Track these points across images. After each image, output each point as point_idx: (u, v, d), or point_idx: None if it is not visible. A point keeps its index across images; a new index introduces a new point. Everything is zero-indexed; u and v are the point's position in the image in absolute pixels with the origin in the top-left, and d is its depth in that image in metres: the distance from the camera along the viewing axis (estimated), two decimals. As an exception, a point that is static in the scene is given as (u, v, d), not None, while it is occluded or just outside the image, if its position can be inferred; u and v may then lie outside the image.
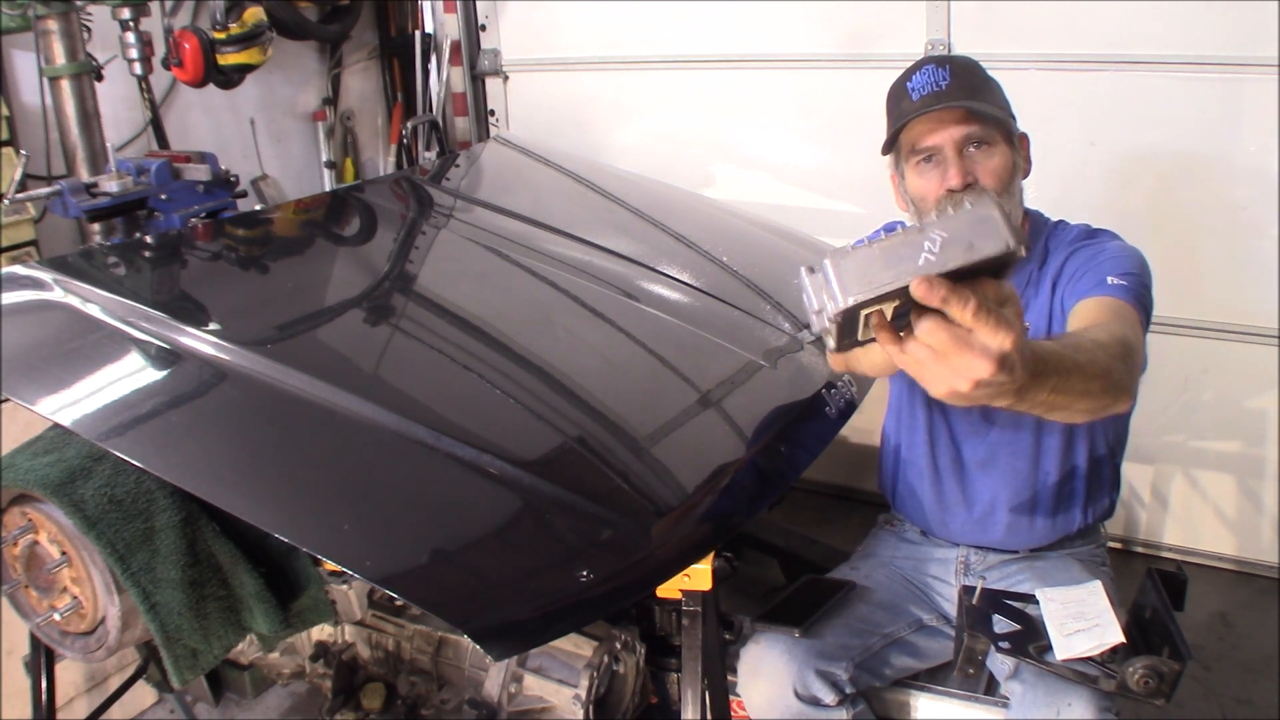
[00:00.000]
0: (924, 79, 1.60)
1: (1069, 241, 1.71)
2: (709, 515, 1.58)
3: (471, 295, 2.11)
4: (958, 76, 1.60)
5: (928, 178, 1.63)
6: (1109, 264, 1.60)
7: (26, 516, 1.65)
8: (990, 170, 1.60)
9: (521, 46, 3.50)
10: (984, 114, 1.58)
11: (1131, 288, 1.53)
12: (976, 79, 1.63)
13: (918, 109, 1.59)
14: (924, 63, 1.64)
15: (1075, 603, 1.52)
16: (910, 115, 1.60)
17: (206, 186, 2.53)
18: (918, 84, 1.61)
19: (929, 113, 1.59)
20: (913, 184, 1.65)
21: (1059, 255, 1.70)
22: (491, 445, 1.56)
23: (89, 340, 1.70)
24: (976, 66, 1.66)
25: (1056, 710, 1.52)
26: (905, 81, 1.64)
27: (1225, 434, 2.79)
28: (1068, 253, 1.69)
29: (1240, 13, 2.46)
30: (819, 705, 1.66)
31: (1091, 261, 1.63)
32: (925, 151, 1.62)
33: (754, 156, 3.25)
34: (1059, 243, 1.73)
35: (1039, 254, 1.73)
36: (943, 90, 1.58)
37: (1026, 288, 1.72)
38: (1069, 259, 1.68)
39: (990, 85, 1.64)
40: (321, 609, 1.80)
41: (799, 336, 2.09)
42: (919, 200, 1.65)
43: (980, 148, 1.60)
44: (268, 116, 3.38)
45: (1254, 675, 2.50)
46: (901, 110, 1.63)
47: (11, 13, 2.37)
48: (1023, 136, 1.68)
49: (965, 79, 1.60)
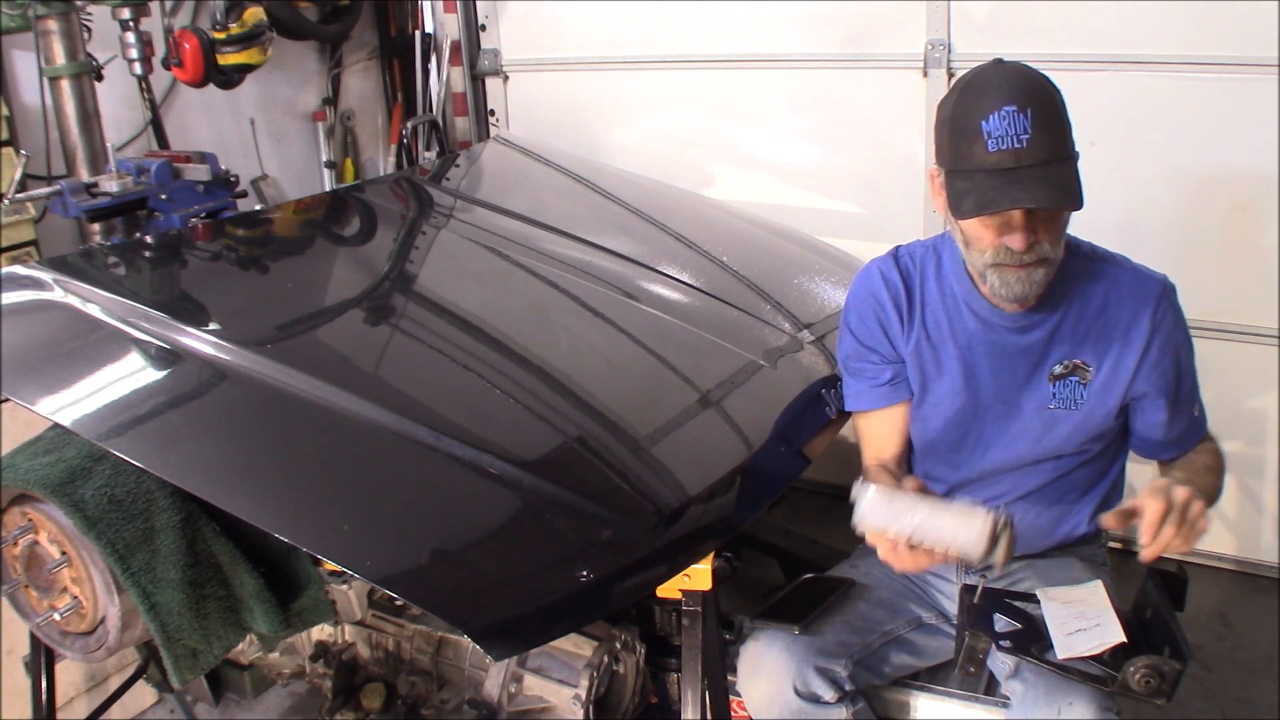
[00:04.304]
0: (1003, 125, 1.43)
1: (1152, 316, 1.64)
2: (709, 515, 1.58)
3: (471, 295, 2.11)
4: (1039, 130, 1.44)
5: (987, 223, 1.51)
6: (1189, 389, 1.71)
7: (26, 516, 1.65)
8: (1054, 232, 1.52)
9: (521, 46, 3.50)
10: (1068, 190, 1.46)
11: (1201, 417, 1.76)
12: (1055, 126, 1.47)
13: (992, 166, 1.44)
14: (1004, 99, 1.44)
15: (1076, 602, 1.52)
16: (982, 170, 1.46)
17: (206, 186, 2.53)
18: (995, 129, 1.44)
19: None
20: (967, 225, 1.54)
21: (1139, 318, 1.64)
22: (491, 445, 1.56)
23: (89, 340, 1.70)
24: (1054, 102, 1.49)
25: (1057, 710, 1.52)
26: (979, 119, 1.45)
27: (1225, 434, 2.76)
28: (1155, 341, 1.64)
29: (1240, 13, 2.46)
30: (819, 703, 1.66)
31: (1174, 387, 1.67)
32: None
33: (754, 156, 3.25)
34: (1120, 286, 1.65)
35: (1079, 284, 1.65)
36: (1024, 149, 1.43)
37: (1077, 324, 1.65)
38: (1154, 361, 1.64)
39: (1064, 124, 1.49)
40: (321, 609, 1.80)
41: (799, 336, 2.09)
42: (974, 240, 1.55)
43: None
44: (268, 116, 3.38)
45: (1254, 675, 2.50)
46: (972, 154, 1.46)
47: (11, 13, 2.37)
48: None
49: (1048, 133, 1.45)
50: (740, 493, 1.66)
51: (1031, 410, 1.69)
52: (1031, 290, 1.55)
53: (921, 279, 1.73)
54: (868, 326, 1.76)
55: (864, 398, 1.80)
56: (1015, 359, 1.68)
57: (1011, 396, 1.70)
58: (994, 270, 1.55)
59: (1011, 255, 1.52)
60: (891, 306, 1.73)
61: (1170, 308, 1.66)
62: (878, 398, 1.78)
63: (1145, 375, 1.65)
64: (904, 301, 1.73)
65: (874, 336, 1.75)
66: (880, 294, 1.74)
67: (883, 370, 1.76)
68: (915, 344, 1.73)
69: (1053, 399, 1.68)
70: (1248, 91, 2.50)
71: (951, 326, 1.70)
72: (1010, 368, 1.68)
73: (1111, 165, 2.70)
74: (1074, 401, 1.67)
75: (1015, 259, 1.52)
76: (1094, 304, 1.65)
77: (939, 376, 1.73)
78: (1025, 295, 1.56)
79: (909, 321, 1.73)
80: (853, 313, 1.79)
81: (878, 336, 1.75)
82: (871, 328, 1.75)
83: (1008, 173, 1.45)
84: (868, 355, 1.77)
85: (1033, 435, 1.71)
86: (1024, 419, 1.70)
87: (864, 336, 1.77)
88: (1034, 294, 1.57)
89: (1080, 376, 1.66)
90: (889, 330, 1.74)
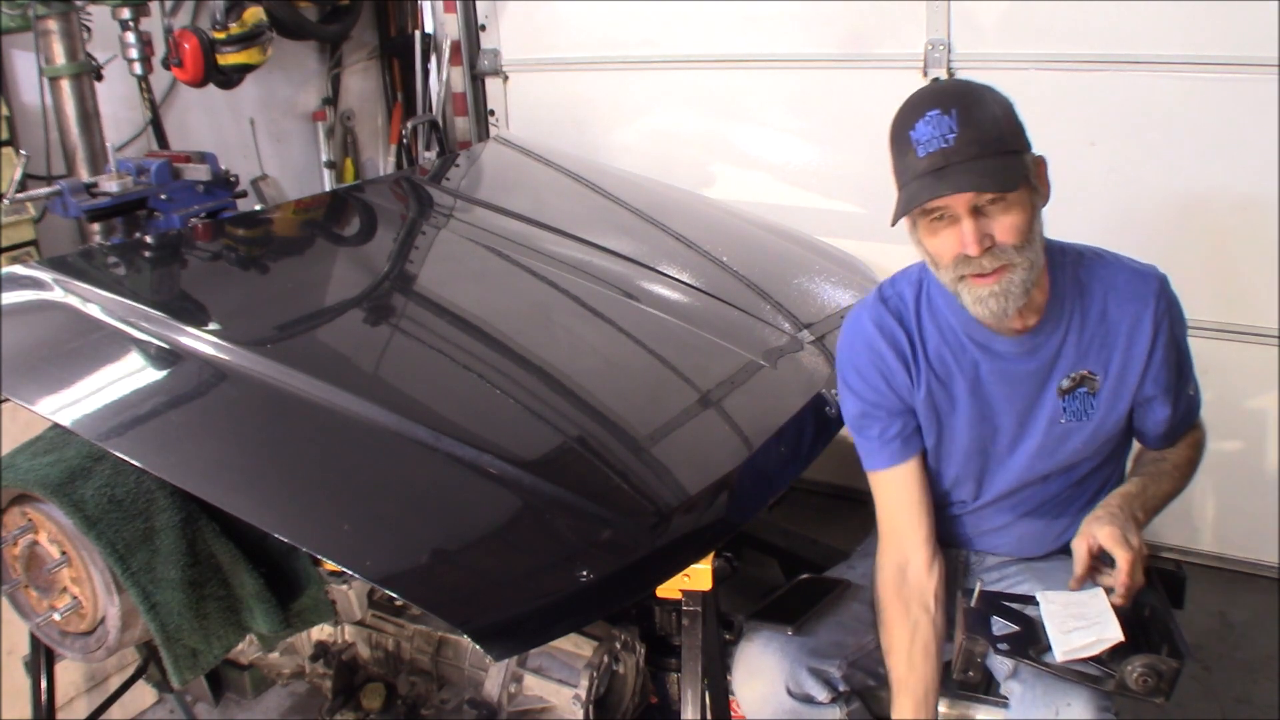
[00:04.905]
0: (929, 129, 1.44)
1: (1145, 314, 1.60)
2: (709, 515, 1.58)
3: (471, 295, 2.11)
4: (965, 125, 1.44)
5: (942, 237, 1.49)
6: (1187, 371, 1.68)
7: (26, 516, 1.65)
8: (1008, 227, 1.47)
9: (521, 46, 3.50)
10: (995, 176, 1.44)
11: (1197, 396, 1.71)
12: (986, 122, 1.46)
13: (923, 170, 1.45)
14: (927, 103, 1.46)
15: (1075, 604, 1.52)
16: (915, 177, 1.46)
17: (206, 186, 2.53)
18: (923, 135, 1.45)
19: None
20: (928, 243, 1.52)
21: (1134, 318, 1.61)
22: (491, 445, 1.56)
23: (89, 340, 1.70)
24: (983, 100, 1.48)
25: (1055, 710, 1.52)
26: (908, 129, 1.47)
27: (1225, 434, 2.79)
28: (1158, 340, 1.61)
29: (1240, 13, 2.46)
30: (812, 703, 1.66)
31: (1175, 378, 1.64)
32: (936, 211, 1.48)
33: (754, 156, 3.25)
34: (1111, 289, 1.62)
35: (1076, 294, 1.62)
36: (951, 147, 1.43)
37: (1070, 330, 1.62)
38: (1159, 361, 1.62)
39: (998, 121, 1.48)
40: (321, 609, 1.80)
41: (799, 336, 2.09)
42: (936, 258, 1.52)
43: (994, 202, 1.46)
44: (268, 116, 3.38)
45: (1254, 675, 2.50)
46: (907, 165, 1.48)
47: (11, 13, 2.37)
48: (1039, 161, 1.54)
49: (974, 127, 1.44)
50: (740, 493, 1.66)
51: (1044, 427, 1.65)
52: (1009, 303, 1.49)
53: (917, 317, 1.66)
54: (869, 383, 1.68)
55: (876, 456, 1.70)
56: (1024, 381, 1.64)
57: (1024, 418, 1.66)
58: (963, 286, 1.50)
59: (970, 263, 1.47)
60: (894, 357, 1.66)
61: (1168, 301, 1.63)
62: (890, 455, 1.69)
63: (1154, 376, 1.62)
64: (906, 348, 1.65)
65: (878, 391, 1.68)
66: (878, 345, 1.66)
67: (891, 424, 1.68)
68: (926, 389, 1.66)
69: (1064, 413, 1.64)
70: (1248, 91, 2.50)
71: (957, 360, 1.65)
72: (1021, 393, 1.65)
73: (1111, 165, 2.70)
74: (1084, 413, 1.64)
75: (976, 266, 1.47)
76: (1094, 312, 1.62)
77: (953, 413, 1.68)
78: (1003, 309, 1.49)
79: (915, 367, 1.66)
80: (850, 369, 1.70)
81: (882, 390, 1.67)
82: (874, 383, 1.67)
83: (937, 172, 1.44)
84: (874, 412, 1.68)
85: (1047, 451, 1.67)
86: (1038, 436, 1.66)
87: (866, 394, 1.69)
88: (1013, 305, 1.50)
89: (1089, 386, 1.63)
90: (893, 383, 1.67)
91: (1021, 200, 1.47)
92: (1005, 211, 1.46)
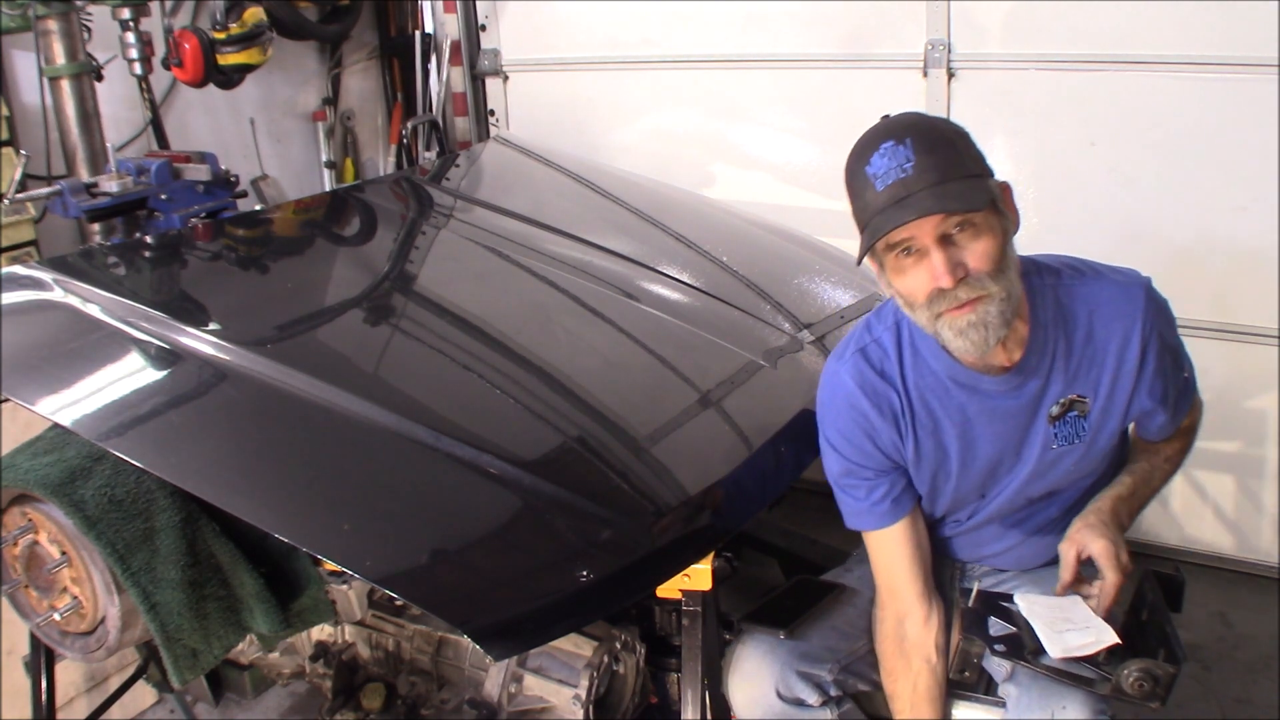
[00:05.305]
0: (885, 162, 1.39)
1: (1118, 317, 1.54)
2: (709, 515, 1.58)
3: (471, 295, 2.11)
4: (921, 154, 1.38)
5: (911, 275, 1.43)
6: (1181, 362, 1.64)
7: (26, 516, 1.65)
8: (979, 254, 1.40)
9: (521, 46, 3.50)
10: (960, 197, 1.39)
11: (1191, 377, 1.67)
12: (941, 148, 1.40)
13: (884, 204, 1.39)
14: (880, 137, 1.41)
15: (1058, 608, 1.52)
16: (877, 212, 1.40)
17: (206, 186, 2.53)
18: (879, 169, 1.39)
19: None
20: (897, 282, 1.46)
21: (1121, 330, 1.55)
22: (491, 445, 1.56)
23: (89, 340, 1.70)
24: (937, 128, 1.45)
25: (1051, 712, 1.51)
26: (864, 165, 1.42)
27: (1225, 434, 2.79)
28: (1150, 346, 1.55)
29: (1240, 13, 2.46)
30: (802, 705, 1.66)
31: (1170, 381, 1.60)
32: (902, 244, 1.42)
33: (754, 156, 3.25)
34: (1088, 303, 1.56)
35: (1059, 321, 1.56)
36: (910, 175, 1.37)
37: (1055, 358, 1.56)
38: (1153, 361, 1.56)
39: (956, 148, 1.43)
40: (321, 609, 1.80)
41: (799, 336, 2.09)
42: (908, 298, 1.46)
43: (963, 229, 1.40)
44: (268, 116, 3.38)
45: (1254, 675, 2.51)
46: (866, 203, 1.42)
47: (11, 13, 2.37)
48: (1004, 187, 1.48)
49: (930, 155, 1.39)
50: (740, 493, 1.66)
51: (1036, 454, 1.61)
52: (990, 333, 1.42)
53: (900, 367, 1.60)
54: (853, 443, 1.62)
55: (864, 517, 1.66)
56: (1013, 416, 1.59)
57: (1017, 448, 1.62)
58: (941, 322, 1.44)
59: (945, 296, 1.41)
60: (877, 416, 1.59)
61: (1155, 309, 1.56)
62: (878, 518, 1.64)
63: (1148, 389, 1.57)
64: (894, 403, 1.59)
65: (862, 451, 1.62)
66: (860, 404, 1.60)
67: (878, 484, 1.63)
68: (915, 442, 1.61)
69: (1055, 438, 1.59)
70: (1248, 91, 2.50)
71: (943, 406, 1.59)
72: (1011, 427, 1.60)
73: (1111, 165, 2.70)
74: (1076, 435, 1.59)
75: (952, 299, 1.41)
76: (1079, 336, 1.55)
77: (945, 458, 1.63)
78: (984, 339, 1.43)
79: (904, 422, 1.60)
80: (831, 429, 1.64)
81: (867, 450, 1.61)
82: (858, 443, 1.61)
83: (899, 202, 1.38)
84: (858, 472, 1.63)
85: (1039, 475, 1.63)
86: (1030, 463, 1.62)
87: (850, 454, 1.63)
88: (994, 337, 1.43)
89: (1079, 410, 1.58)
90: (879, 442, 1.61)
91: (990, 225, 1.41)
92: (975, 238, 1.40)
